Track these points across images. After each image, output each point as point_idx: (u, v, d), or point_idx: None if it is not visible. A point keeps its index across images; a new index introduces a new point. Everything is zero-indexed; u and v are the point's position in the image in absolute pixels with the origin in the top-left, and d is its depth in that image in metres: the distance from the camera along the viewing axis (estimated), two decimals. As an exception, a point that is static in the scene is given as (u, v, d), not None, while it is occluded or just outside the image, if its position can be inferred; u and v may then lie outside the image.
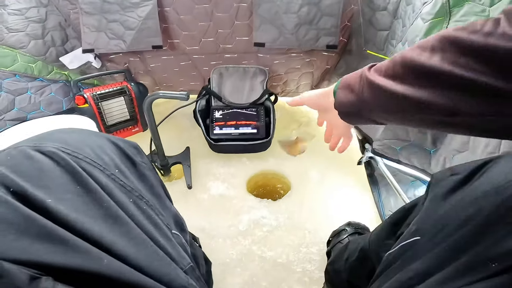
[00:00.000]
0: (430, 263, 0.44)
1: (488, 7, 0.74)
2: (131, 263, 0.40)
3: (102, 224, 0.41)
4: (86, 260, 0.36)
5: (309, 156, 1.53)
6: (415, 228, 0.53)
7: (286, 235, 1.15)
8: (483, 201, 0.43)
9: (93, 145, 0.50)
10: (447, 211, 0.48)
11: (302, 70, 1.66)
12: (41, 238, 0.35)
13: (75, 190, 0.42)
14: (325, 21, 1.39)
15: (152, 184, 0.58)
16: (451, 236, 0.44)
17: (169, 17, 1.46)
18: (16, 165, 0.40)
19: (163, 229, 0.53)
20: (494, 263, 0.36)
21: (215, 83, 1.62)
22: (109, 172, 0.48)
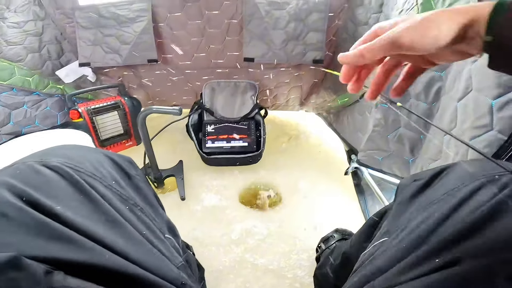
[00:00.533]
0: (390, 259, 0.52)
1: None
2: (129, 259, 0.48)
3: (103, 227, 0.49)
4: (92, 255, 0.44)
5: (299, 167, 1.62)
6: (385, 230, 0.61)
7: (277, 243, 1.22)
8: (438, 203, 0.51)
9: (92, 160, 0.59)
10: (410, 213, 0.56)
11: (291, 84, 1.76)
12: (53, 238, 0.43)
13: (79, 199, 0.50)
14: (311, 37, 1.49)
15: (145, 194, 0.67)
16: (409, 235, 0.51)
17: (163, 33, 1.55)
18: (27, 178, 0.48)
19: (156, 232, 0.61)
20: (437, 258, 0.44)
21: (207, 98, 1.71)
22: (107, 183, 0.57)
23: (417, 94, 0.98)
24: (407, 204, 0.60)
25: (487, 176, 0.48)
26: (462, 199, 0.48)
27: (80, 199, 0.50)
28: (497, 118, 0.71)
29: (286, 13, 1.44)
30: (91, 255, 0.44)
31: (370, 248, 0.62)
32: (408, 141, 1.07)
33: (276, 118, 2.04)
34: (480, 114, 0.75)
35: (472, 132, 0.77)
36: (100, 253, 0.44)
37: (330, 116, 1.77)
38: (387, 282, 0.48)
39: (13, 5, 1.40)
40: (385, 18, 1.17)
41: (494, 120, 0.72)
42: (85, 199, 0.51)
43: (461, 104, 0.82)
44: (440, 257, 0.43)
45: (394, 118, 1.09)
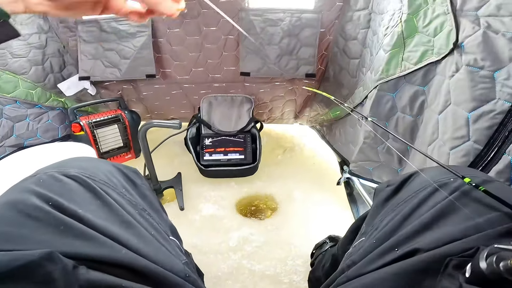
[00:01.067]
0: (363, 254, 0.61)
1: (432, 38, 0.95)
2: (141, 254, 0.56)
3: (119, 227, 0.57)
4: (110, 251, 0.52)
5: (294, 178, 1.71)
6: (363, 231, 0.72)
7: (274, 249, 1.30)
8: (403, 204, 0.61)
9: (104, 170, 0.68)
10: (382, 214, 0.66)
11: (286, 97, 1.87)
12: (78, 237, 0.51)
13: (97, 203, 0.59)
14: (304, 51, 1.60)
15: (151, 201, 0.76)
16: (379, 233, 0.61)
17: (162, 48, 1.65)
18: (50, 186, 0.57)
19: (162, 233, 0.69)
20: (397, 249, 0.53)
21: (204, 112, 1.80)
22: (119, 191, 0.66)
23: (403, 107, 1.08)
24: (381, 207, 0.70)
25: (444, 179, 0.59)
26: (421, 200, 0.58)
27: (97, 204, 0.59)
28: (473, 129, 0.81)
29: (280, 29, 1.54)
30: (110, 251, 0.51)
31: (351, 248, 0.72)
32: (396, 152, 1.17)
33: (271, 131, 2.13)
34: (458, 125, 0.85)
35: (452, 143, 0.87)
36: (117, 250, 0.52)
37: (323, 128, 1.87)
38: (358, 271, 0.57)
39: (19, 18, 1.47)
40: (373, 33, 1.28)
41: (470, 131, 0.82)
42: (102, 203, 0.59)
43: (441, 116, 0.92)
44: (400, 249, 0.52)
45: (383, 131, 1.18)
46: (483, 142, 0.79)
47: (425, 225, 0.53)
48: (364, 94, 1.24)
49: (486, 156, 0.79)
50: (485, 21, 0.79)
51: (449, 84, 0.88)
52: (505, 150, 0.74)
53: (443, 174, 0.61)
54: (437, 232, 0.50)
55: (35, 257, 0.43)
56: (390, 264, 0.52)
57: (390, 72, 1.08)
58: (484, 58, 0.78)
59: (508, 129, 0.74)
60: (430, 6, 0.95)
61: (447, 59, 0.91)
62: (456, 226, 0.49)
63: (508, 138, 0.74)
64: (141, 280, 0.52)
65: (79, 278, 0.45)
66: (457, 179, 0.57)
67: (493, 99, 0.77)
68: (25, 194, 0.54)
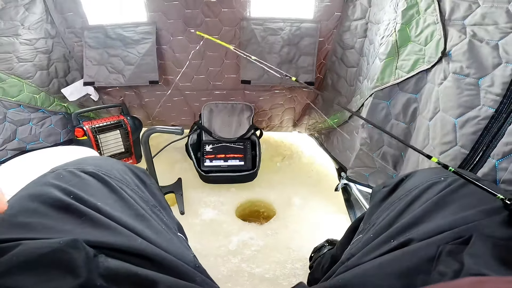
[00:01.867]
0: (359, 247, 0.68)
1: (424, 46, 1.03)
2: (155, 245, 0.61)
3: (134, 220, 0.64)
4: (128, 240, 0.57)
5: (292, 184, 1.78)
6: (361, 229, 0.80)
7: (273, 253, 1.36)
8: (398, 201, 0.70)
9: (118, 169, 0.75)
10: (379, 213, 0.74)
11: (285, 105, 1.95)
12: (97, 226, 0.57)
13: (113, 198, 0.66)
14: (303, 60, 1.68)
15: (160, 199, 0.83)
16: (375, 228, 0.68)
17: (165, 55, 1.74)
18: (70, 180, 0.64)
19: (172, 229, 0.76)
20: (392, 241, 0.60)
21: (205, 119, 1.88)
22: (132, 187, 0.73)
23: (396, 114, 1.16)
24: (377, 206, 0.78)
25: (435, 179, 0.67)
26: (415, 197, 0.66)
27: (113, 198, 0.65)
28: (460, 134, 0.89)
29: (280, 38, 1.63)
30: (128, 240, 0.57)
31: (349, 246, 0.79)
32: (391, 158, 1.24)
33: (270, 138, 2.20)
34: (446, 131, 0.93)
35: (441, 148, 0.95)
36: (134, 239, 0.58)
37: (321, 136, 1.94)
38: (356, 262, 0.63)
39: (27, 22, 1.53)
40: (369, 42, 1.36)
41: (457, 137, 0.90)
42: (117, 198, 0.66)
43: (431, 123, 1.00)
44: (395, 240, 0.59)
45: (378, 137, 1.26)
46: (469, 146, 0.87)
47: (418, 218, 0.60)
48: (361, 102, 1.32)
49: (472, 160, 0.87)
50: (471, 30, 0.87)
51: (438, 92, 0.96)
52: (489, 154, 0.82)
53: (434, 174, 0.69)
54: (429, 224, 0.57)
55: (60, 245, 0.47)
56: (384, 254, 0.58)
57: (385, 80, 1.15)
58: (469, 66, 0.86)
59: (491, 134, 0.82)
60: (421, 16, 1.03)
61: (436, 67, 0.99)
62: (446, 219, 0.56)
63: (492, 142, 0.81)
64: (155, 268, 0.57)
65: (99, 265, 0.49)
66: (446, 179, 0.65)
67: (477, 105, 0.85)
68: (47, 188, 0.60)
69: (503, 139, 0.78)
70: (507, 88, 0.77)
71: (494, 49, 0.82)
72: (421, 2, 1.03)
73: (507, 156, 0.77)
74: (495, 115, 0.81)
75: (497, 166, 0.79)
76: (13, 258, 0.45)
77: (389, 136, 1.21)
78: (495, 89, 0.80)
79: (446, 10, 0.94)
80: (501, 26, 0.80)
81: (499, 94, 0.79)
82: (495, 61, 0.81)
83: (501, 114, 0.80)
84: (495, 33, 0.82)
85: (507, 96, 0.78)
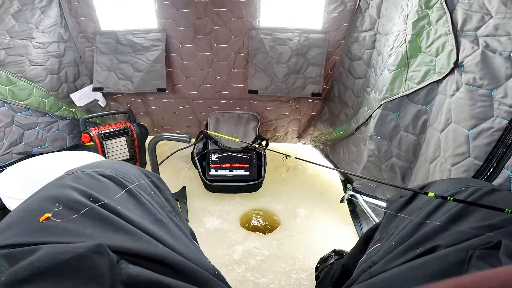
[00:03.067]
0: (382, 255, 0.67)
1: (435, 58, 1.03)
2: (175, 251, 0.60)
3: (153, 225, 0.62)
4: (149, 246, 0.56)
5: (297, 195, 1.77)
6: (378, 238, 0.78)
7: (278, 263, 1.35)
8: (418, 211, 0.69)
9: (134, 173, 0.74)
10: (396, 222, 0.73)
11: (291, 116, 1.95)
12: (118, 231, 0.55)
13: (132, 202, 0.64)
14: (310, 70, 1.69)
15: (173, 205, 0.82)
16: (396, 236, 0.67)
17: (174, 62, 1.75)
18: (89, 183, 0.62)
19: (188, 235, 0.75)
20: (418, 248, 0.59)
21: (212, 128, 1.88)
22: (148, 192, 0.72)
23: (406, 126, 1.16)
24: (394, 216, 0.77)
25: (457, 189, 0.67)
26: (436, 206, 0.66)
27: (132, 202, 0.64)
28: (473, 146, 0.88)
29: (288, 48, 1.64)
30: (148, 246, 0.55)
31: (366, 255, 0.78)
32: (399, 170, 1.24)
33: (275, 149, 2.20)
34: (458, 143, 0.92)
35: (453, 160, 0.94)
36: (155, 245, 0.57)
37: (327, 148, 1.94)
38: (380, 269, 0.63)
39: (42, 26, 1.54)
40: (378, 54, 1.37)
41: (470, 148, 0.89)
42: (136, 202, 0.65)
43: (443, 134, 0.99)
44: (420, 247, 0.59)
45: (386, 149, 1.26)
46: (483, 158, 0.87)
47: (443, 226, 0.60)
48: (368, 113, 1.32)
49: (485, 171, 0.86)
50: (483, 40, 0.87)
51: (450, 103, 0.96)
52: (503, 165, 0.81)
53: (453, 184, 0.69)
54: (455, 232, 0.57)
55: (84, 250, 0.45)
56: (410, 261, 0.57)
57: (394, 91, 1.15)
58: (482, 77, 0.86)
59: (505, 145, 0.81)
60: (432, 27, 1.04)
61: (448, 78, 0.99)
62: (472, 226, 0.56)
63: (506, 154, 0.81)
64: (177, 276, 0.55)
65: (121, 273, 0.47)
66: (468, 189, 0.65)
67: (491, 116, 0.84)
68: (66, 190, 0.58)
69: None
70: (521, 99, 0.77)
71: (507, 60, 0.82)
72: (432, 13, 1.04)
73: (523, 167, 0.77)
74: (509, 126, 0.81)
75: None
76: (34, 264, 0.42)
77: (398, 148, 1.21)
78: (509, 100, 0.80)
79: (458, 21, 0.95)
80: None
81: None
82: (508, 72, 0.81)
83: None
84: (508, 44, 0.82)
85: (522, 107, 0.78)
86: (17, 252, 0.45)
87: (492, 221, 0.55)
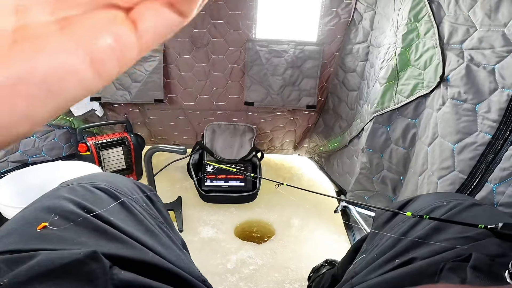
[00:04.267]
0: (363, 266, 0.70)
1: (423, 71, 1.07)
2: (165, 259, 0.63)
3: (144, 235, 0.65)
4: (140, 253, 0.59)
5: (291, 206, 1.79)
6: (364, 249, 0.82)
7: (271, 272, 1.37)
8: (401, 223, 0.72)
9: (128, 186, 0.77)
10: (381, 235, 0.77)
11: (286, 128, 1.98)
12: (111, 240, 0.58)
13: (124, 213, 0.68)
14: (306, 83, 1.73)
15: (165, 216, 0.85)
16: (379, 248, 0.71)
17: (171, 73, 1.78)
18: (83, 195, 0.65)
19: (178, 245, 0.78)
20: (396, 260, 0.62)
21: (208, 139, 1.91)
22: (140, 204, 0.75)
23: (396, 139, 1.19)
24: (380, 228, 0.81)
25: (438, 203, 0.71)
26: (417, 220, 0.69)
27: (125, 213, 0.67)
28: (458, 160, 0.92)
29: (284, 61, 1.68)
30: (140, 253, 0.58)
31: (352, 266, 0.81)
32: (390, 182, 1.27)
33: (271, 161, 2.23)
34: (444, 157, 0.96)
35: (439, 173, 0.97)
36: (146, 252, 0.59)
37: (322, 160, 1.97)
38: (360, 280, 0.66)
39: None
40: (370, 66, 1.41)
41: (455, 162, 0.92)
42: (128, 213, 0.68)
43: (430, 148, 1.03)
44: (398, 259, 0.62)
45: (378, 162, 1.29)
46: (467, 171, 0.90)
47: (420, 239, 0.63)
48: (361, 126, 1.35)
49: (470, 184, 0.89)
50: (468, 54, 0.91)
51: (437, 117, 1.00)
52: (487, 179, 0.84)
53: (437, 198, 0.73)
54: (431, 245, 0.60)
55: (80, 256, 0.48)
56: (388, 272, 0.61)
57: (385, 105, 1.19)
58: (466, 91, 0.90)
59: (489, 160, 0.84)
60: (421, 40, 1.08)
61: (435, 92, 1.02)
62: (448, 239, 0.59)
63: (490, 168, 0.84)
64: (167, 282, 0.58)
65: (113, 277, 0.50)
66: (449, 203, 0.68)
67: (475, 131, 0.88)
68: (61, 201, 0.61)
69: (500, 164, 0.81)
70: (504, 114, 0.80)
71: (490, 73, 0.85)
72: (421, 26, 1.07)
73: (505, 180, 0.80)
74: (492, 141, 0.84)
75: (495, 190, 0.81)
76: (34, 268, 0.45)
77: (389, 161, 1.24)
78: (492, 115, 0.83)
79: (445, 34, 0.98)
80: (497, 50, 0.84)
81: (496, 120, 0.82)
82: (491, 86, 0.85)
83: (497, 140, 0.83)
84: (492, 57, 0.85)
85: (504, 122, 0.81)
86: (16, 257, 0.48)
87: (469, 234, 0.58)
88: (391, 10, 1.24)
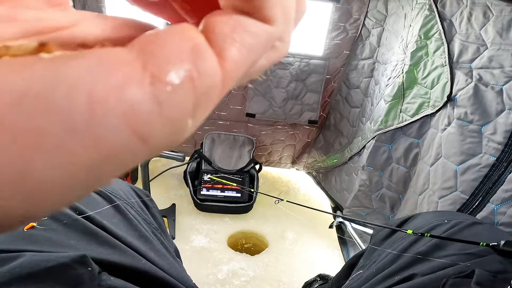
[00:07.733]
0: (360, 282, 0.69)
1: (430, 90, 1.06)
2: (158, 266, 0.62)
3: (137, 241, 0.64)
4: (132, 260, 0.57)
5: (286, 219, 1.77)
6: (361, 265, 0.81)
7: (263, 285, 1.35)
8: (401, 240, 0.72)
9: (124, 189, 0.76)
10: (380, 250, 0.76)
11: (286, 142, 1.97)
12: (103, 244, 0.57)
13: (118, 217, 0.66)
14: (309, 97, 1.72)
15: (160, 223, 0.84)
16: (378, 264, 0.70)
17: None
18: None
19: (171, 252, 0.76)
20: (397, 276, 0.61)
21: (207, 148, 1.90)
22: (135, 209, 0.73)
23: (397, 158, 1.19)
24: (379, 244, 0.80)
25: (439, 221, 0.70)
26: (417, 237, 0.69)
27: (118, 217, 0.66)
28: (460, 181, 0.91)
29: (288, 73, 1.67)
30: (132, 259, 0.57)
31: (348, 281, 0.80)
32: (389, 200, 1.26)
33: (268, 173, 2.22)
34: (446, 177, 0.95)
35: (440, 193, 0.96)
36: (138, 259, 0.58)
37: (319, 175, 1.96)
38: None
39: None
40: (375, 83, 1.41)
41: (458, 183, 0.92)
42: (122, 218, 0.66)
43: (432, 168, 1.02)
44: (398, 275, 0.61)
45: (377, 180, 1.28)
46: (469, 192, 0.89)
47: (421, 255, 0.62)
48: (362, 144, 1.34)
49: (471, 205, 0.88)
50: (477, 73, 0.90)
51: (441, 138, 0.99)
52: (489, 200, 0.84)
53: (437, 217, 0.72)
54: (432, 262, 0.60)
55: (67, 259, 0.46)
56: None
57: (389, 123, 1.18)
58: (473, 112, 0.89)
59: (492, 181, 0.84)
60: (430, 58, 1.07)
61: (441, 112, 1.02)
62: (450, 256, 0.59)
63: (492, 189, 0.84)
64: None
65: (101, 284, 0.49)
66: (450, 221, 0.68)
67: (479, 153, 0.87)
68: None
69: (503, 186, 0.80)
70: (509, 137, 0.80)
71: (498, 94, 0.85)
72: (430, 44, 1.07)
73: (507, 201, 0.79)
74: (496, 163, 0.83)
75: (496, 210, 0.81)
76: (16, 269, 0.43)
77: (389, 179, 1.23)
78: (497, 137, 0.83)
79: (454, 53, 0.98)
80: (506, 70, 0.84)
81: (501, 143, 0.82)
82: (498, 107, 0.84)
83: (501, 162, 0.82)
84: (500, 77, 0.85)
85: (509, 144, 0.80)
86: None
87: (471, 251, 0.58)
88: (401, 27, 1.24)
